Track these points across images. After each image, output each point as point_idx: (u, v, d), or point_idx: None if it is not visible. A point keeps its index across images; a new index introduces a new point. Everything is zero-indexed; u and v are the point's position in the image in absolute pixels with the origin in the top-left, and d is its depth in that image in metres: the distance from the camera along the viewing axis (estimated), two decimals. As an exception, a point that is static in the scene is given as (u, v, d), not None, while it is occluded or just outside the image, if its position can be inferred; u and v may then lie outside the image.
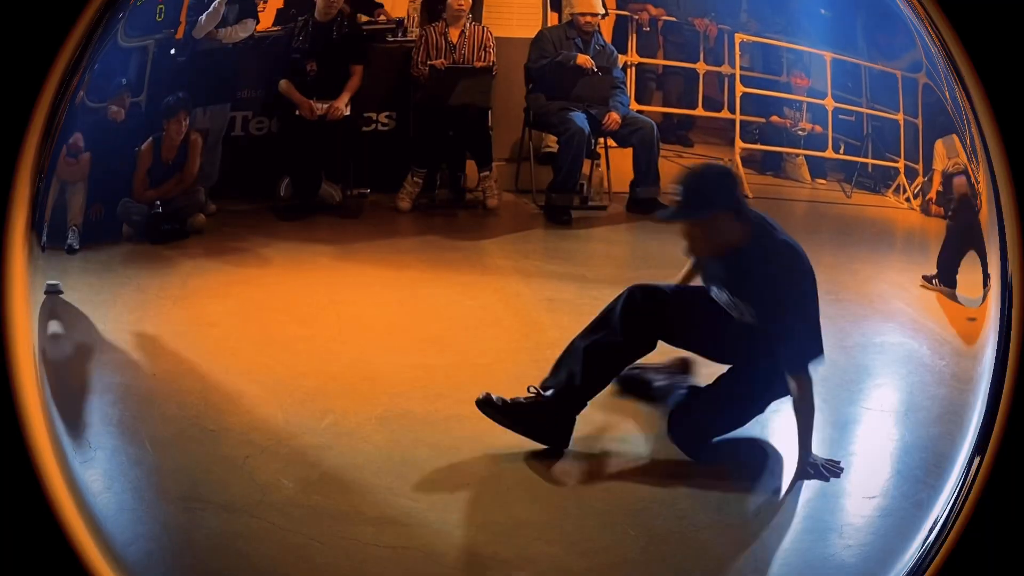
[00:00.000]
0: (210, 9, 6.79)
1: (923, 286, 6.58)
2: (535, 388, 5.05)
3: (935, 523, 3.89)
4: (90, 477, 4.33)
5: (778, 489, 4.91)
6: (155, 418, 5.02)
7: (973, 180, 4.54)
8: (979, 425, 3.64)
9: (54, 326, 5.16)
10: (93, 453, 4.55)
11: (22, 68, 3.04)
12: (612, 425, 5.22)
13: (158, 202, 6.26)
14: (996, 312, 3.63)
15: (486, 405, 5.01)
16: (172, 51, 6.52)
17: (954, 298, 6.38)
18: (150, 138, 6.29)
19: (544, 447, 4.97)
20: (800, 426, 5.00)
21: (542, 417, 5.02)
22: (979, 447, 3.59)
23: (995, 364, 3.56)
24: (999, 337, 3.53)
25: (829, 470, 5.05)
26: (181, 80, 6.64)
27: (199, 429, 4.94)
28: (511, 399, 5.03)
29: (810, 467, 5.01)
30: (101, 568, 3.29)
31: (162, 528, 4.25)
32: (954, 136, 7.87)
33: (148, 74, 6.13)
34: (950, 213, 7.26)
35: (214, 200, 6.84)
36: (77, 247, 5.34)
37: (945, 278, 6.44)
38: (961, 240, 6.29)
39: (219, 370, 5.48)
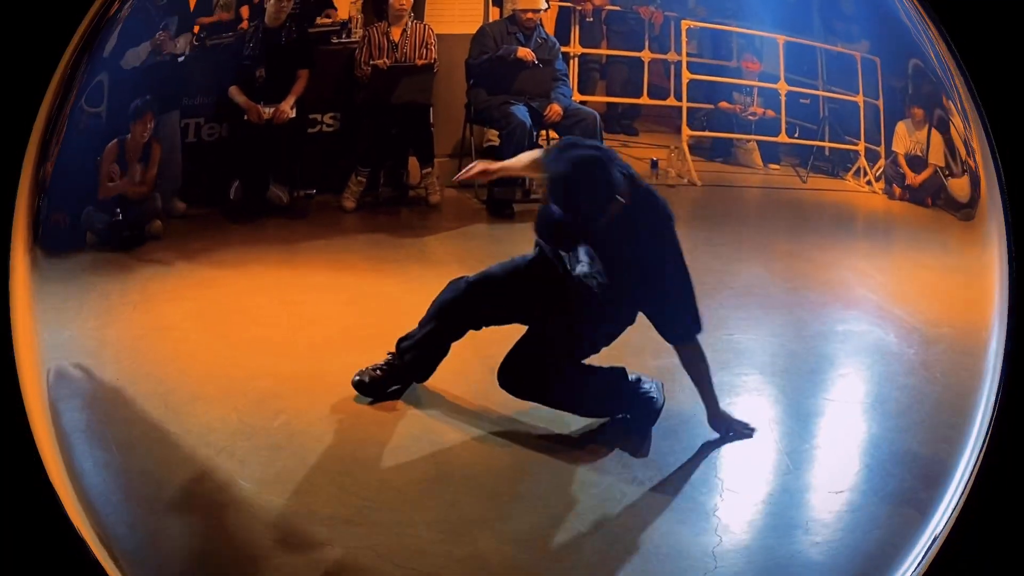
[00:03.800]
0: (138, 48, 6.85)
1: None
2: None
3: (925, 520, 3.88)
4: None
5: (740, 487, 4.82)
6: (120, 422, 5.11)
7: (972, 166, 4.37)
8: (985, 420, 3.53)
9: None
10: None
11: (18, 90, 3.16)
12: (563, 423, 5.22)
13: (119, 210, 6.36)
14: (1001, 301, 3.53)
15: None
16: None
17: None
18: (115, 139, 6.39)
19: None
20: (701, 388, 5.08)
21: None
22: (977, 444, 3.53)
23: (1005, 355, 3.41)
24: (1009, 327, 3.41)
25: (740, 432, 5.12)
26: (139, 89, 6.73)
27: (161, 432, 5.02)
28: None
29: (721, 426, 5.11)
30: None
31: (129, 531, 4.28)
32: (913, 118, 8.04)
33: (107, 85, 6.22)
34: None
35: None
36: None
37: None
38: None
39: (177, 373, 5.58)
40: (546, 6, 9.02)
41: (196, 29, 7.75)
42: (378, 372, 5.47)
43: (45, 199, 3.52)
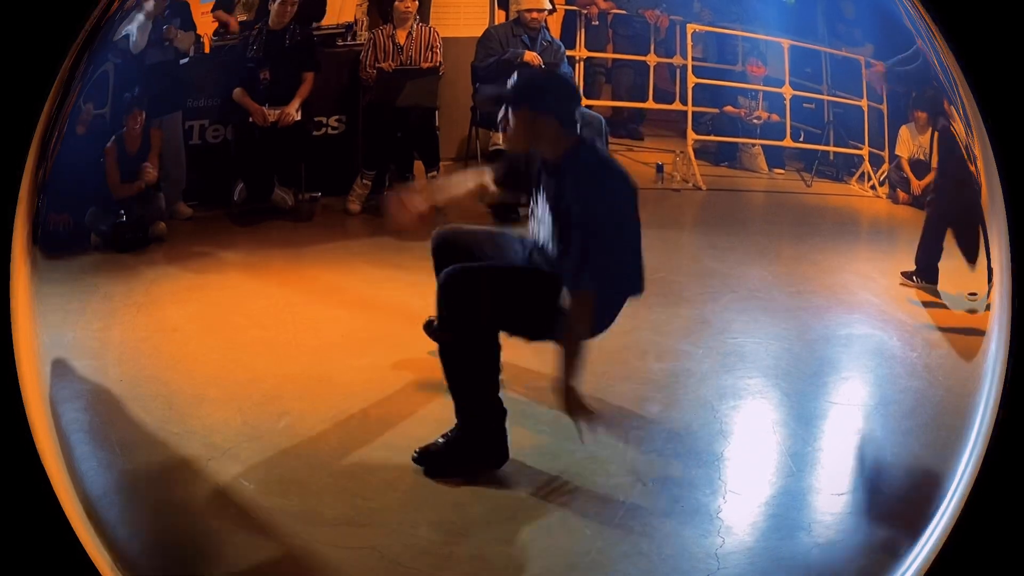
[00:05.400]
0: (142, 46, 6.84)
1: (903, 284, 6.59)
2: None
3: (926, 521, 3.85)
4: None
5: (743, 489, 4.83)
6: (123, 422, 5.11)
7: (969, 164, 4.39)
8: (985, 422, 3.55)
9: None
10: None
11: (19, 94, 3.17)
12: (566, 426, 5.13)
13: (122, 212, 6.38)
14: (1001, 304, 3.52)
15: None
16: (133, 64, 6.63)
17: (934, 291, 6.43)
18: (113, 136, 6.41)
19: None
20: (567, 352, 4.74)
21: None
22: (978, 446, 3.54)
23: (1008, 358, 3.40)
24: (1011, 329, 3.38)
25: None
26: (142, 91, 6.75)
27: (165, 432, 5.03)
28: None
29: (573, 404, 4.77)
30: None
31: (131, 532, 4.27)
32: (917, 123, 8.01)
33: (111, 87, 6.24)
34: (929, 200, 7.29)
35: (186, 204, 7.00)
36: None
37: (926, 274, 6.45)
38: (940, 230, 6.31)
39: (181, 374, 5.60)
40: (550, 6, 8.99)
41: (210, 28, 7.76)
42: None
43: (44, 200, 3.53)
